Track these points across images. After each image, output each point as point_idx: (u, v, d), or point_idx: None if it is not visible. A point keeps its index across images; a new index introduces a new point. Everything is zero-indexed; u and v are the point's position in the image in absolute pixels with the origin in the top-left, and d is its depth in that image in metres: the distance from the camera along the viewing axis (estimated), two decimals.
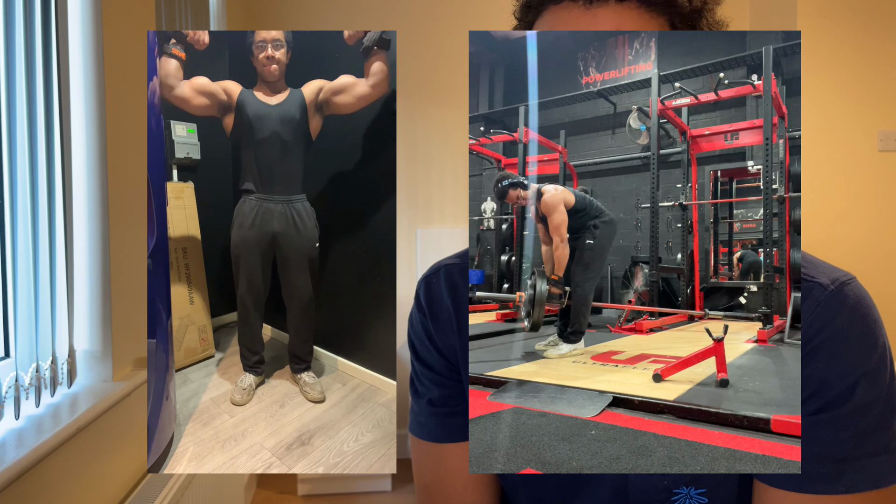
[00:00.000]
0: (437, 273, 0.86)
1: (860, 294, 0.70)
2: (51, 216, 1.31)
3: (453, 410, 0.83)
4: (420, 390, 0.87)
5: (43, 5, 1.31)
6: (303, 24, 3.18)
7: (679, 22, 0.68)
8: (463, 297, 0.83)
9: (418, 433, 0.86)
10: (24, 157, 1.23)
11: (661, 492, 0.74)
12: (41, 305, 1.27)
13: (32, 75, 1.25)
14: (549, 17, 0.70)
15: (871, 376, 0.66)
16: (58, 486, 1.22)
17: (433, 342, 0.84)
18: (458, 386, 0.84)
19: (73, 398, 1.36)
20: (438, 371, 0.84)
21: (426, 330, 0.85)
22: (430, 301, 0.85)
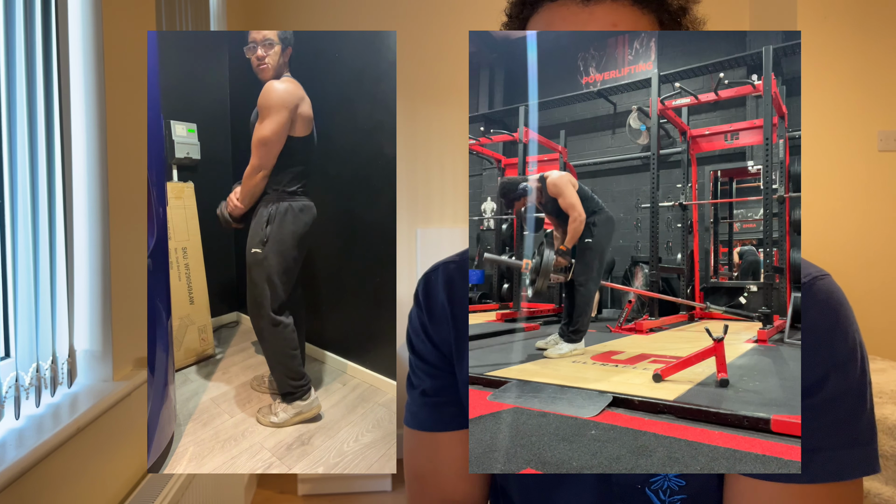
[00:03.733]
0: (435, 271, 0.89)
1: (831, 289, 0.71)
2: (51, 216, 1.31)
3: (446, 400, 0.85)
4: (415, 382, 0.89)
5: (43, 5, 1.31)
6: (303, 24, 3.18)
7: (667, 19, 0.71)
8: (459, 293, 0.85)
9: (411, 423, 0.88)
10: (25, 157, 1.23)
11: (641, 474, 0.77)
12: (41, 305, 1.27)
13: (32, 75, 1.25)
14: (545, 14, 0.71)
15: (842, 369, 0.67)
16: (58, 486, 1.22)
17: (428, 335, 0.87)
18: (451, 378, 0.85)
19: (73, 398, 1.36)
20: (432, 363, 0.86)
21: (422, 323, 0.88)
22: (427, 296, 0.87)
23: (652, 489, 0.74)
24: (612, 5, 0.68)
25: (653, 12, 0.70)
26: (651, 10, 0.70)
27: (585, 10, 0.68)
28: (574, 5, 0.68)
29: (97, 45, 1.43)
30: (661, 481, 0.74)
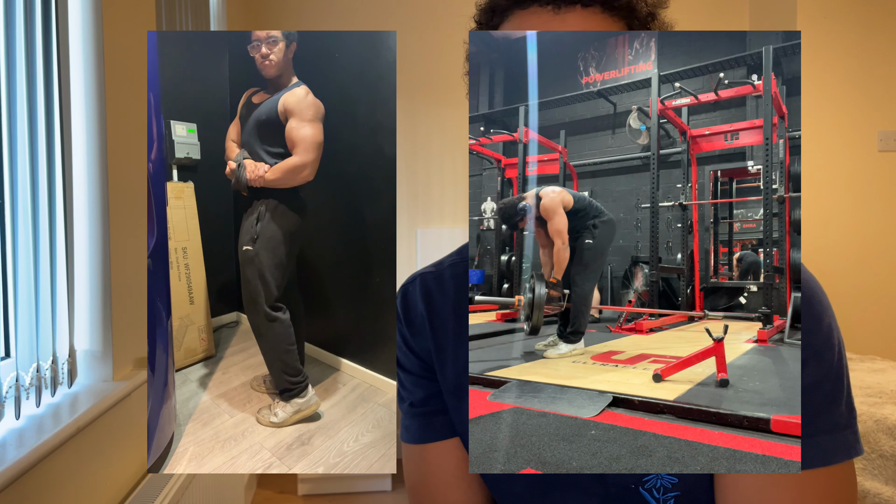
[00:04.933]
0: (413, 282, 0.89)
1: (805, 278, 0.73)
2: (51, 216, 1.31)
3: (432, 409, 0.85)
4: (403, 396, 0.89)
5: (43, 5, 1.31)
6: (303, 24, 3.18)
7: (636, 25, 0.73)
8: (437, 303, 0.85)
9: (404, 437, 0.88)
10: (25, 157, 1.23)
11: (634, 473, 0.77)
12: (42, 305, 1.27)
13: (33, 75, 1.25)
14: (515, 21, 0.72)
15: (817, 356, 0.68)
16: (58, 486, 1.22)
17: (410, 347, 0.87)
18: (435, 386, 0.85)
19: (73, 398, 1.36)
20: (416, 373, 0.87)
21: (402, 335, 0.88)
22: (406, 307, 0.87)
23: (645, 488, 0.75)
24: (582, 12, 0.69)
25: (622, 19, 0.72)
26: (621, 17, 0.72)
27: (556, 18, 0.69)
28: (545, 13, 0.69)
29: (97, 45, 1.43)
30: (654, 479, 0.74)
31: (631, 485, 0.75)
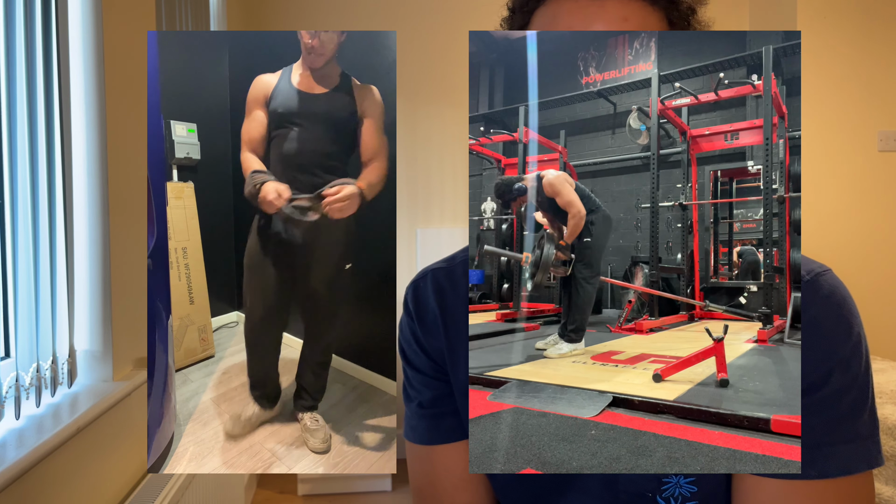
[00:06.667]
0: (424, 278, 0.86)
1: (834, 284, 0.71)
2: (51, 216, 1.31)
3: (442, 411, 0.83)
4: (411, 394, 0.87)
5: (43, 5, 1.31)
6: (303, 24, 3.18)
7: (676, 18, 0.70)
8: (450, 300, 0.82)
9: (410, 437, 0.86)
10: (25, 157, 1.23)
11: (651, 480, 0.74)
12: (41, 305, 1.27)
13: (33, 75, 1.25)
14: (553, 7, 0.69)
15: (845, 364, 0.67)
16: (58, 486, 1.22)
17: (421, 345, 0.84)
18: (446, 387, 0.83)
19: (73, 398, 1.36)
20: (427, 373, 0.84)
21: (413, 333, 0.85)
22: (417, 304, 0.85)
23: (663, 497, 0.73)
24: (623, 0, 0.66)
25: (662, 10, 0.69)
26: (661, 8, 0.69)
27: (595, 4, 0.66)
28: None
29: (97, 46, 1.43)
30: (673, 488, 0.73)
31: (648, 493, 0.73)
